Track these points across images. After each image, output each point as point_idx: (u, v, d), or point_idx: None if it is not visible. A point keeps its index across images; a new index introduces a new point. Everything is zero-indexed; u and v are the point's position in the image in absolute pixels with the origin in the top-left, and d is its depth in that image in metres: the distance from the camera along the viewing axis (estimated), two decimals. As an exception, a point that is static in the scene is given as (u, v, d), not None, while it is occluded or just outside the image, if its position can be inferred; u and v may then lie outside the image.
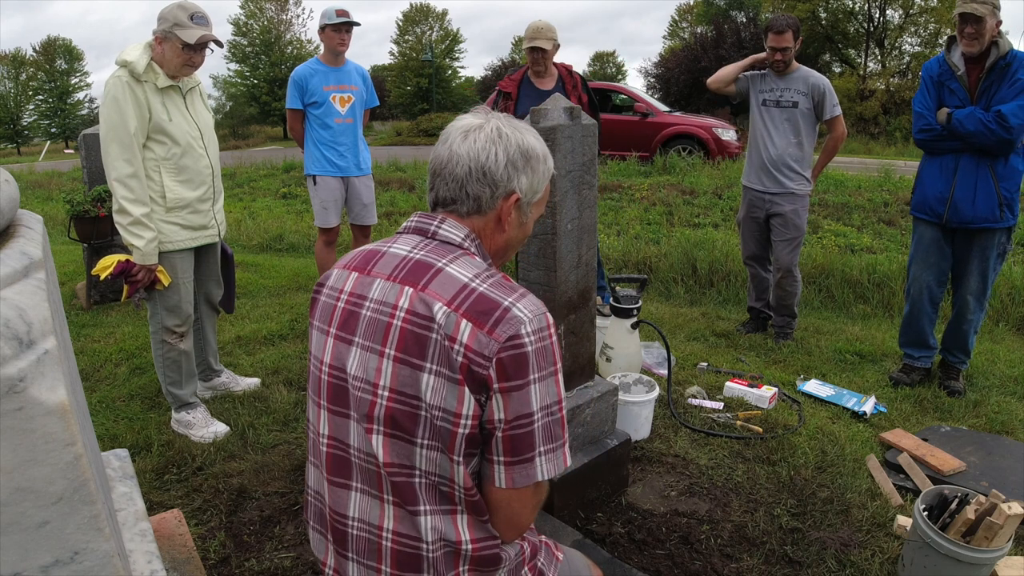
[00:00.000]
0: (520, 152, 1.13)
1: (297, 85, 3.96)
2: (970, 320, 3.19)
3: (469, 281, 1.05)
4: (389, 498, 1.07)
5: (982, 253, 3.08)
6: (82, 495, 0.81)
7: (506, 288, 1.06)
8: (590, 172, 2.12)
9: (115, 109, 2.44)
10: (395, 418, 1.04)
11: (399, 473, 1.05)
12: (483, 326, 1.00)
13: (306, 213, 8.50)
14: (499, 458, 1.05)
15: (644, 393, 2.70)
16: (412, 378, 1.02)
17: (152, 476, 2.46)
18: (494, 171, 1.11)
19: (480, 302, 1.02)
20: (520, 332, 1.01)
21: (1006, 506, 1.80)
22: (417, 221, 1.16)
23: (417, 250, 1.11)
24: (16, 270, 0.82)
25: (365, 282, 1.11)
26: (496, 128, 1.13)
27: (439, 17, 45.42)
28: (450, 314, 1.01)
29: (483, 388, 1.01)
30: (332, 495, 1.15)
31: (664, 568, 1.99)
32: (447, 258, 1.09)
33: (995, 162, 2.94)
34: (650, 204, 7.96)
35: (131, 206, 2.48)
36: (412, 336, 1.03)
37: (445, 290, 1.04)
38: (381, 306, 1.07)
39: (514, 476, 1.05)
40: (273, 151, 19.54)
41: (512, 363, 1.00)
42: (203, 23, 2.55)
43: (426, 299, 1.03)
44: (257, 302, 4.74)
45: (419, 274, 1.07)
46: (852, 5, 27.85)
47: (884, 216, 7.06)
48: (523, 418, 1.03)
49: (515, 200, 1.14)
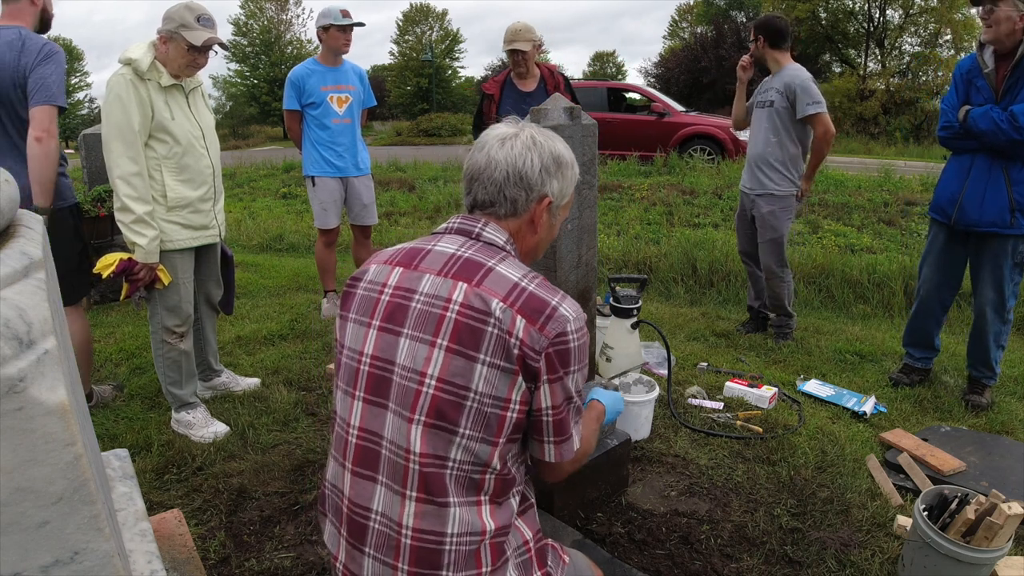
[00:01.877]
0: (552, 158, 1.23)
1: (294, 86, 3.95)
2: (989, 332, 3.04)
3: (519, 280, 1.14)
4: (413, 493, 1.10)
5: (994, 260, 2.93)
6: (82, 495, 0.81)
7: (550, 289, 1.17)
8: (590, 172, 2.12)
9: (118, 107, 2.44)
10: (440, 408, 1.09)
11: (432, 464, 1.09)
12: (535, 323, 1.10)
13: (306, 213, 8.51)
14: (549, 439, 1.18)
15: (644, 393, 2.70)
16: (465, 368, 1.09)
17: (152, 476, 2.46)
18: (530, 176, 1.22)
19: (532, 300, 1.12)
20: (567, 330, 1.12)
21: (1006, 506, 1.80)
22: (460, 223, 1.24)
23: (465, 249, 1.19)
24: (16, 270, 0.82)
25: (413, 276, 1.17)
26: (531, 136, 1.23)
27: (439, 17, 45.42)
28: (506, 309, 1.10)
29: (534, 378, 1.12)
30: (355, 487, 1.17)
31: (664, 568, 1.99)
32: (495, 259, 1.18)
33: (1011, 164, 2.80)
34: (650, 204, 7.96)
35: (134, 204, 2.48)
36: (467, 328, 1.10)
37: (499, 287, 1.12)
38: (433, 299, 1.13)
39: (562, 451, 1.21)
40: (273, 151, 19.54)
41: (559, 357, 1.12)
42: (209, 25, 2.55)
43: (483, 294, 1.11)
44: (257, 302, 4.74)
45: (471, 271, 1.15)
46: (852, 5, 27.83)
47: (884, 216, 7.06)
48: (565, 403, 1.17)
49: (547, 203, 1.25)
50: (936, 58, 24.10)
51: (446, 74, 44.52)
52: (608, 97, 12.19)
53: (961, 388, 3.25)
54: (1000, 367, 3.15)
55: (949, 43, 25.87)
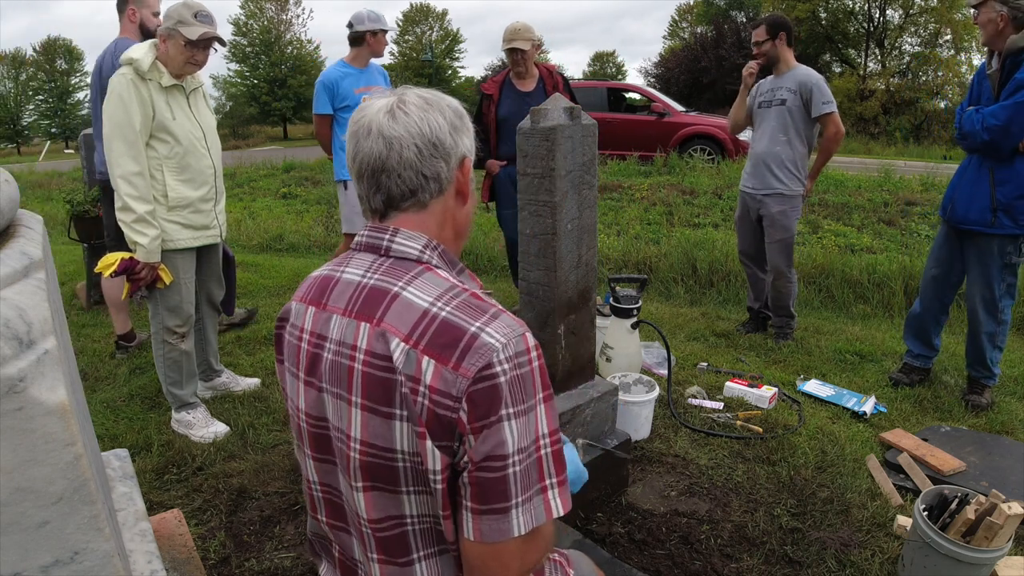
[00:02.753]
0: (452, 112, 1.01)
1: (328, 89, 3.85)
2: (982, 332, 3.05)
3: (430, 306, 0.92)
4: (374, 555, 0.99)
5: (980, 259, 2.98)
6: (82, 495, 0.81)
7: (474, 309, 0.92)
8: (590, 172, 2.11)
9: (120, 106, 2.44)
10: (371, 471, 0.94)
11: (385, 527, 0.96)
12: (447, 361, 0.87)
13: (306, 213, 8.51)
14: (466, 503, 0.90)
15: (644, 393, 2.70)
16: (384, 428, 0.91)
17: (152, 476, 2.46)
18: (443, 139, 0.99)
19: (442, 332, 0.89)
20: (492, 361, 0.87)
21: (1006, 506, 1.80)
22: (368, 235, 1.02)
23: (371, 273, 0.99)
24: (16, 270, 0.82)
25: (322, 319, 1.01)
26: (418, 96, 1.00)
27: (439, 17, 45.45)
28: (409, 351, 0.89)
29: (452, 434, 0.88)
30: (337, 539, 1.10)
31: (664, 568, 1.99)
32: (405, 279, 0.96)
33: (997, 165, 2.84)
34: (650, 204, 7.96)
35: (135, 203, 2.48)
36: (375, 381, 0.91)
37: (403, 321, 0.91)
38: (341, 347, 0.96)
39: (482, 528, 0.89)
40: (273, 151, 19.55)
41: (484, 398, 0.86)
42: (207, 21, 2.56)
43: (383, 334, 0.91)
44: (257, 302, 4.73)
45: (375, 304, 0.94)
46: (852, 5, 27.84)
47: (884, 216, 7.06)
48: (494, 460, 0.87)
49: (468, 163, 1.04)
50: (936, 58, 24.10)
51: (446, 74, 44.51)
52: (608, 97, 12.19)
53: (961, 388, 3.25)
54: (999, 367, 3.16)
55: (949, 43, 25.87)
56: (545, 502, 0.92)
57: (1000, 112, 2.72)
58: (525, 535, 0.90)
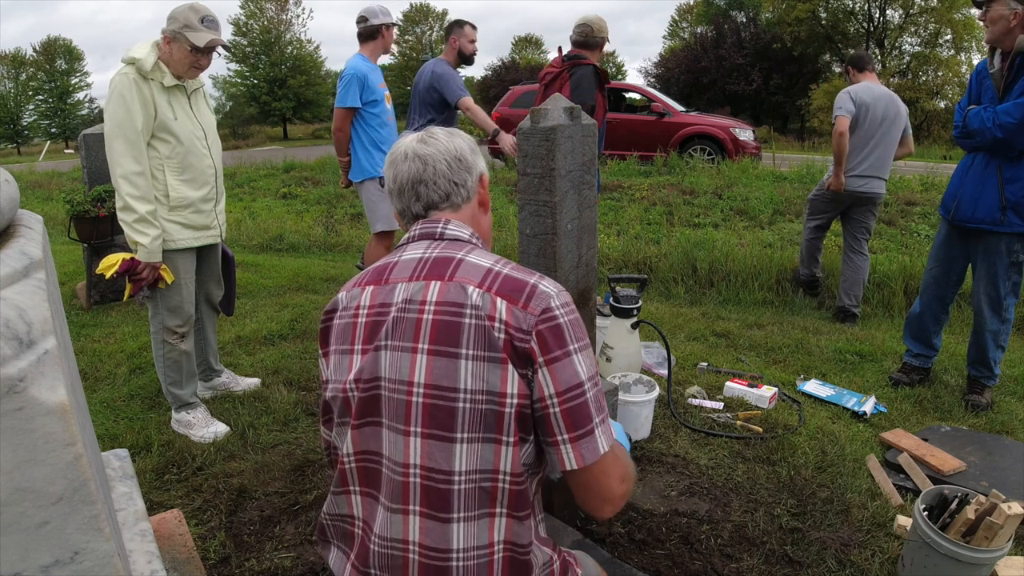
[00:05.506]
0: (468, 140, 1.27)
1: (360, 81, 3.75)
2: (986, 331, 3.05)
3: (492, 266, 1.11)
4: (416, 508, 1.05)
5: (988, 258, 2.98)
6: (82, 495, 0.81)
7: (525, 271, 1.12)
8: (590, 172, 2.11)
9: (121, 106, 2.44)
10: (433, 415, 1.04)
11: (433, 477, 1.03)
12: (517, 302, 1.05)
13: (306, 213, 8.51)
14: (562, 436, 1.06)
15: (644, 393, 2.70)
16: (449, 368, 1.03)
17: (152, 476, 2.46)
18: (466, 156, 1.24)
19: (509, 282, 1.08)
20: (551, 305, 1.07)
21: (1006, 506, 1.80)
22: (422, 227, 1.22)
23: (431, 250, 1.16)
24: (16, 270, 0.82)
25: (384, 291, 1.13)
26: (440, 129, 1.27)
27: (439, 17, 45.44)
28: (484, 295, 1.06)
29: (528, 362, 1.04)
30: (365, 509, 1.13)
31: (664, 568, 1.99)
32: (463, 251, 1.14)
33: (1005, 163, 2.83)
34: (650, 204, 7.96)
35: (137, 203, 2.48)
36: (444, 326, 1.05)
37: (473, 275, 1.09)
38: (408, 305, 1.09)
39: (582, 452, 1.06)
40: (273, 151, 19.54)
41: (551, 334, 1.05)
42: (213, 27, 2.55)
43: (458, 285, 1.07)
44: (257, 302, 4.73)
45: (442, 268, 1.11)
46: (852, 5, 27.85)
47: (884, 216, 7.05)
48: (575, 388, 1.05)
49: (486, 180, 1.28)
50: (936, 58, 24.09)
51: (446, 74, 44.44)
52: (608, 97, 12.18)
53: (961, 388, 3.25)
54: (1000, 368, 3.16)
55: (949, 43, 25.88)
56: (605, 427, 1.10)
57: (1014, 110, 2.71)
58: (608, 452, 1.09)
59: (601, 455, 1.07)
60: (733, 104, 28.21)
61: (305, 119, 40.54)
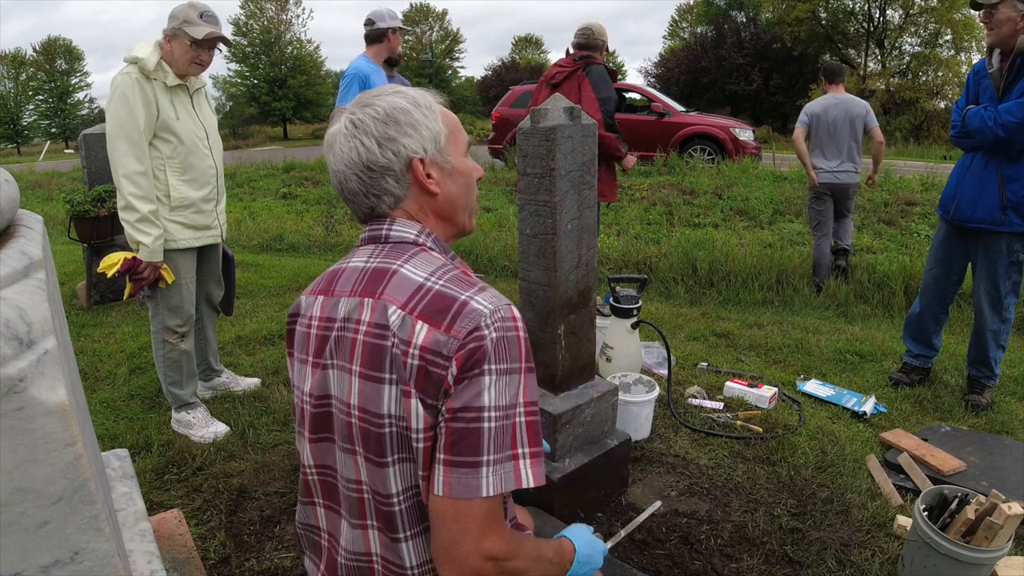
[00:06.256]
0: (382, 123, 1.04)
1: (361, 81, 3.72)
2: (987, 331, 3.05)
3: (424, 280, 1.00)
4: (373, 523, 1.04)
5: (988, 257, 2.98)
6: (82, 495, 0.80)
7: (464, 283, 1.00)
8: (590, 172, 2.11)
9: (124, 105, 2.44)
10: (366, 439, 1.00)
11: (378, 499, 1.01)
12: (440, 324, 0.94)
13: (306, 213, 8.51)
14: (440, 454, 0.93)
15: (644, 393, 2.70)
16: (374, 393, 0.98)
17: (152, 476, 2.46)
18: (374, 160, 1.04)
19: (436, 301, 0.97)
20: (480, 324, 0.93)
21: (1006, 506, 1.80)
22: (369, 230, 1.11)
23: (373, 258, 1.07)
24: (16, 270, 0.82)
25: (331, 303, 1.08)
26: (346, 122, 1.06)
27: (439, 17, 45.47)
28: (405, 317, 0.96)
29: (438, 392, 0.93)
30: (329, 523, 1.13)
31: (664, 568, 1.99)
32: (402, 259, 1.04)
33: (1005, 163, 2.83)
34: (650, 204, 7.96)
35: (138, 203, 2.48)
36: (371, 349, 0.98)
37: (400, 293, 0.99)
38: (346, 323, 1.04)
39: (451, 481, 0.91)
40: (273, 151, 19.54)
41: (471, 356, 0.92)
42: (212, 21, 2.56)
43: (383, 305, 0.99)
44: (257, 302, 4.74)
45: (376, 282, 1.03)
46: (852, 5, 27.84)
47: (884, 216, 7.06)
48: (470, 411, 0.92)
49: (419, 163, 1.06)
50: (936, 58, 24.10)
51: (446, 74, 44.53)
52: None
53: (961, 388, 3.25)
54: (1000, 368, 3.16)
55: (949, 43, 25.87)
56: (516, 469, 0.94)
57: (1016, 109, 2.71)
58: (491, 502, 0.92)
59: (473, 497, 0.91)
60: (733, 104, 28.19)
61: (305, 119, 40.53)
